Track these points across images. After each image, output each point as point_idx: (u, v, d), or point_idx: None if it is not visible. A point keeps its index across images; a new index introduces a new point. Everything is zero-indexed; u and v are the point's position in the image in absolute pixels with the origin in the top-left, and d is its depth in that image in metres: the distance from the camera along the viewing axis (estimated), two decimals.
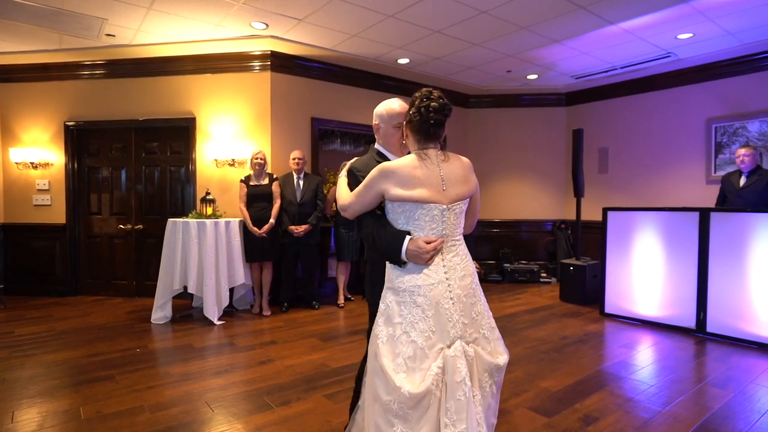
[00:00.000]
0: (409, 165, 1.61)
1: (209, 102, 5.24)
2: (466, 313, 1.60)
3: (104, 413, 2.49)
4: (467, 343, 1.58)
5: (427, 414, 1.52)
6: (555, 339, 3.90)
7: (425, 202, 1.58)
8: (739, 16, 4.09)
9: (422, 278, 1.59)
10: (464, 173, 1.68)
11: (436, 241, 1.59)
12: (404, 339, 1.58)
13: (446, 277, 1.60)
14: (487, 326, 1.65)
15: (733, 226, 3.81)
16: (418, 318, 1.57)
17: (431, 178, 1.60)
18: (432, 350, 1.54)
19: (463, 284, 1.61)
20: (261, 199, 4.65)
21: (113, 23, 4.24)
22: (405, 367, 1.55)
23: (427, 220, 1.60)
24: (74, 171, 5.52)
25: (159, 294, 4.40)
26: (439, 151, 1.68)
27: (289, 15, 4.12)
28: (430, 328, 1.56)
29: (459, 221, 1.67)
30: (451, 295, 1.58)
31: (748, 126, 5.18)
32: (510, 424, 2.39)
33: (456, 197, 1.63)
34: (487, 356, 1.61)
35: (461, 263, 1.64)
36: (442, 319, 1.56)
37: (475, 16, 4.12)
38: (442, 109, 1.63)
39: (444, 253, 1.62)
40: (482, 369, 1.59)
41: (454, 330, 1.56)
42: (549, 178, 7.09)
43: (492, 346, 1.64)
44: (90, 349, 3.57)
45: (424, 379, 1.52)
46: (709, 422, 2.41)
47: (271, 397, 2.71)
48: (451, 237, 1.64)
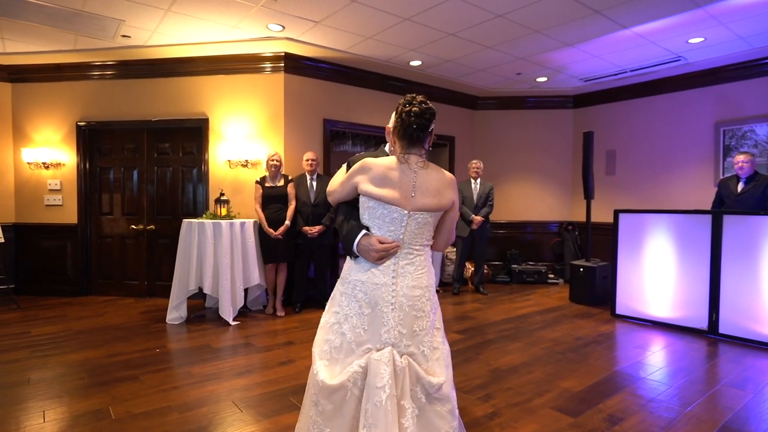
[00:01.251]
0: (386, 165, 1.64)
1: (222, 103, 5.25)
2: (405, 324, 1.59)
3: (134, 413, 2.51)
4: (401, 354, 1.58)
5: (342, 409, 1.56)
6: (569, 340, 3.94)
7: (388, 203, 1.61)
8: (752, 20, 4.14)
9: (368, 276, 1.63)
10: (438, 186, 1.64)
11: (389, 244, 1.61)
12: (336, 328, 1.65)
13: (393, 281, 1.61)
14: (428, 344, 1.63)
15: (746, 228, 3.86)
16: (354, 312, 1.62)
17: (402, 182, 1.62)
18: (359, 347, 1.59)
19: (410, 294, 1.61)
20: (276, 201, 4.67)
21: (130, 24, 4.25)
22: (329, 355, 1.63)
23: (386, 221, 1.62)
24: (86, 171, 5.53)
25: (174, 294, 4.41)
26: (422, 158, 1.67)
27: (306, 17, 4.14)
28: (362, 325, 1.60)
29: (421, 231, 1.64)
30: (393, 300, 1.59)
31: (756, 129, 5.24)
32: (537, 423, 2.43)
33: (421, 206, 1.62)
34: (420, 370, 1.58)
35: (414, 273, 1.63)
36: (376, 320, 1.59)
37: (491, 20, 4.16)
38: (423, 114, 1.62)
39: (398, 259, 1.63)
40: (414, 381, 1.57)
41: (387, 335, 1.58)
42: (555, 180, 7.13)
43: (429, 365, 1.61)
44: (109, 350, 3.59)
45: (342, 373, 1.57)
46: (731, 422, 2.45)
47: (297, 398, 2.73)
48: (409, 245, 1.64)
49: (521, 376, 3.10)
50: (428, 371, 1.60)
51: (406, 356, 1.58)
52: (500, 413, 2.54)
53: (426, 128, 1.65)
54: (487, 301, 5.50)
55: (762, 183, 4.34)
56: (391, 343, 1.58)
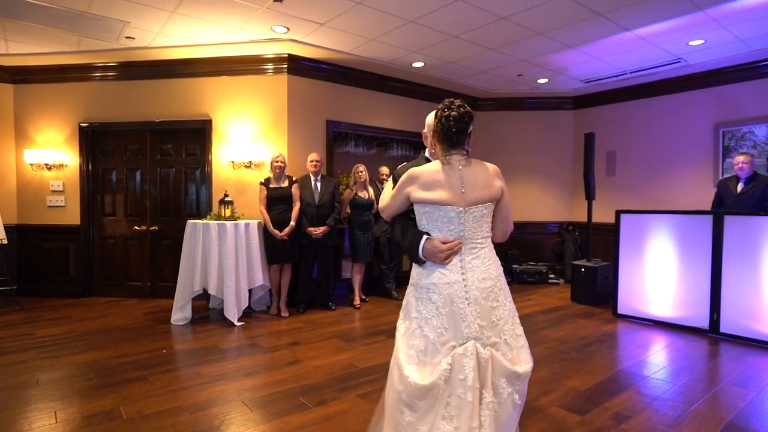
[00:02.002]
0: (432, 170, 1.72)
1: (226, 104, 5.27)
2: (483, 316, 1.63)
3: (145, 413, 2.53)
4: (483, 345, 1.61)
5: (434, 406, 1.60)
6: (573, 339, 3.98)
7: (443, 204, 1.67)
8: (751, 23, 4.19)
9: (438, 276, 1.68)
10: (486, 178, 1.72)
11: (452, 242, 1.67)
12: (418, 333, 1.68)
13: (463, 277, 1.66)
14: (510, 332, 1.66)
15: (747, 229, 3.91)
16: (432, 314, 1.66)
17: (451, 182, 1.69)
18: (444, 346, 1.62)
19: (482, 287, 1.65)
20: (281, 202, 4.69)
21: (135, 26, 4.26)
22: (416, 359, 1.66)
23: (444, 222, 1.68)
24: (88, 172, 5.53)
25: (179, 295, 4.42)
26: (463, 157, 1.74)
27: (311, 19, 4.16)
28: (443, 325, 1.64)
29: (480, 225, 1.70)
30: (467, 295, 1.64)
31: (755, 130, 5.30)
32: (545, 422, 2.46)
33: (474, 201, 1.68)
34: (505, 362, 1.62)
35: (482, 266, 1.68)
36: (455, 317, 1.63)
37: (494, 22, 4.19)
38: (461, 117, 1.71)
39: (463, 255, 1.68)
40: (498, 373, 1.60)
41: (468, 330, 1.62)
42: (555, 181, 7.18)
43: (514, 353, 1.65)
44: (116, 350, 3.60)
45: (433, 372, 1.61)
46: (736, 420, 2.49)
47: (307, 397, 2.75)
48: (471, 239, 1.69)
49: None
50: (513, 360, 1.64)
51: (489, 347, 1.62)
52: None
53: (465, 131, 1.74)
54: None
55: (761, 183, 4.40)
56: (473, 337, 1.62)
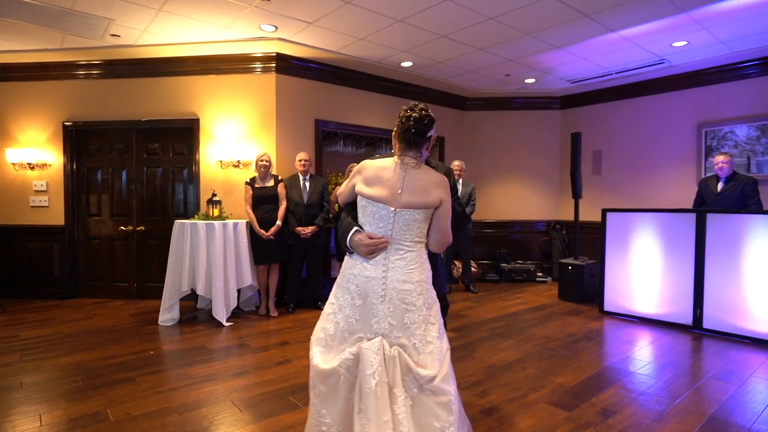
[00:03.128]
0: (380, 165, 1.78)
1: (213, 103, 5.23)
2: (396, 316, 1.68)
3: (133, 415, 2.50)
4: (391, 344, 1.67)
5: (336, 392, 1.68)
6: (560, 336, 4.03)
7: (377, 201, 1.73)
8: (732, 25, 4.28)
9: (360, 269, 1.74)
10: (426, 185, 1.73)
11: (378, 239, 1.72)
12: (331, 318, 1.77)
13: (384, 275, 1.70)
14: (420, 337, 1.68)
15: (728, 226, 3.99)
16: (347, 303, 1.74)
17: (392, 181, 1.73)
18: (351, 336, 1.71)
19: (400, 288, 1.69)
20: (267, 201, 4.67)
21: (120, 24, 4.21)
22: (324, 342, 1.75)
23: (376, 218, 1.74)
24: (73, 172, 5.44)
25: (166, 296, 4.38)
26: (415, 160, 1.76)
27: (299, 18, 4.15)
28: (354, 315, 1.71)
29: (410, 228, 1.72)
30: (383, 293, 1.69)
31: (736, 130, 5.41)
32: (534, 417, 2.49)
33: (407, 204, 1.71)
34: (410, 361, 1.65)
35: (404, 268, 1.71)
36: (367, 311, 1.70)
37: (483, 22, 4.22)
38: (421, 119, 1.74)
39: (389, 254, 1.72)
40: (405, 371, 1.65)
41: (377, 325, 1.68)
42: (543, 180, 7.25)
43: (420, 357, 1.67)
44: (103, 352, 3.55)
45: (335, 359, 1.69)
46: (718, 413, 2.55)
47: (297, 397, 2.75)
48: (399, 241, 1.73)
49: (516, 372, 3.16)
50: (419, 363, 1.66)
51: (396, 347, 1.67)
52: (498, 408, 2.60)
53: (423, 133, 1.76)
54: (478, 299, 5.58)
55: (740, 183, 4.49)
56: (381, 333, 1.68)
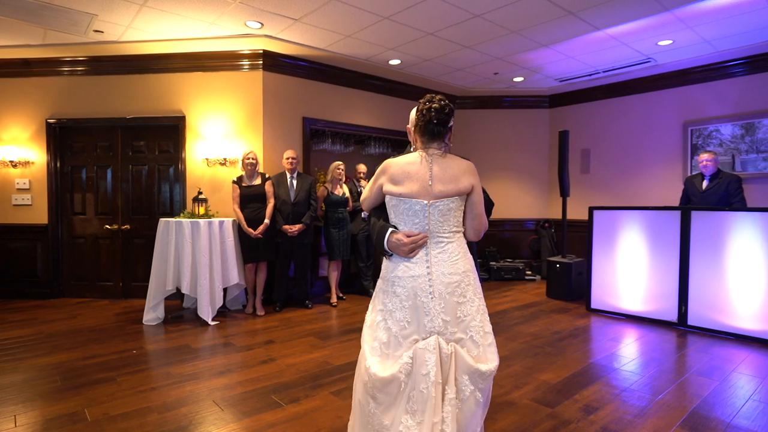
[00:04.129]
0: (404, 162, 1.72)
1: (199, 101, 5.18)
2: (448, 311, 1.61)
3: (111, 415, 2.47)
4: (447, 341, 1.60)
5: (397, 399, 1.61)
6: (547, 334, 4.03)
7: (408, 198, 1.67)
8: (716, 25, 4.31)
9: (403, 269, 1.68)
10: (455, 173, 1.69)
11: (416, 236, 1.66)
12: (382, 325, 1.69)
13: (428, 271, 1.65)
14: (477, 329, 1.64)
15: (712, 223, 4.02)
16: (396, 307, 1.66)
17: (420, 175, 1.68)
18: (406, 340, 1.62)
19: (448, 281, 1.63)
20: (254, 200, 4.63)
21: (103, 19, 4.15)
22: (379, 351, 1.67)
23: (410, 215, 1.68)
24: (57, 170, 5.36)
25: (151, 295, 4.33)
26: (440, 150, 1.73)
27: (285, 15, 4.12)
28: (406, 318, 1.64)
29: (446, 219, 1.68)
30: (431, 289, 1.63)
31: (721, 129, 5.46)
32: (516, 415, 2.48)
33: (439, 194, 1.66)
34: (469, 359, 1.59)
35: (448, 260, 1.66)
36: (418, 311, 1.63)
37: (469, 20, 4.22)
38: (442, 109, 1.69)
39: (429, 248, 1.67)
40: (461, 370, 1.59)
41: (431, 324, 1.61)
42: (532, 178, 7.28)
43: (480, 351, 1.62)
44: (84, 352, 3.50)
45: (394, 365, 1.61)
46: (699, 408, 2.56)
47: (279, 395, 2.73)
48: (437, 233, 1.68)
49: (501, 370, 3.15)
50: (478, 358, 1.61)
51: (452, 343, 1.61)
52: None
53: (445, 123, 1.71)
54: None
55: (725, 180, 4.53)
56: (436, 332, 1.61)
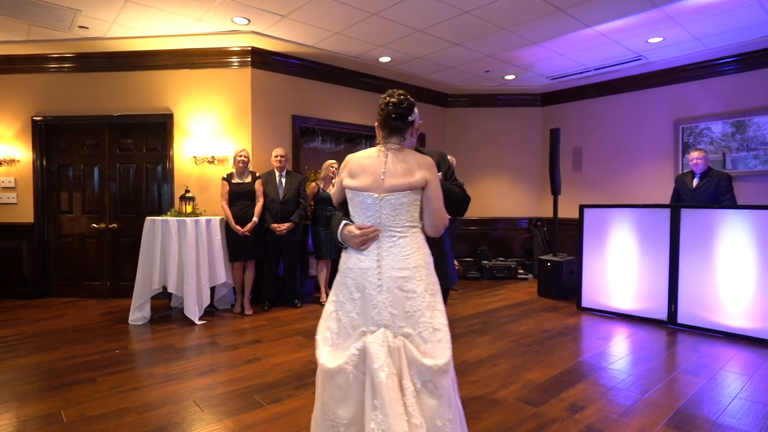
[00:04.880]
0: (362, 156, 1.76)
1: (187, 98, 5.12)
2: (396, 305, 1.62)
3: (88, 416, 2.42)
4: (395, 334, 1.60)
5: (348, 391, 1.60)
6: (536, 333, 4.01)
7: (361, 191, 1.70)
8: (705, 22, 4.30)
9: (354, 261, 1.71)
10: (408, 167, 1.68)
11: (367, 229, 1.68)
12: (334, 316, 1.71)
13: (378, 264, 1.66)
14: (425, 325, 1.61)
15: (701, 221, 4.01)
16: (346, 299, 1.69)
17: (374, 168, 1.70)
18: (355, 331, 1.65)
19: (397, 275, 1.63)
20: (244, 198, 4.58)
21: (87, 15, 4.09)
22: (330, 342, 1.69)
23: (362, 208, 1.71)
24: (43, 168, 5.30)
25: (137, 294, 4.28)
26: (398, 145, 1.74)
27: (272, 11, 4.08)
28: (355, 310, 1.66)
29: (398, 213, 1.67)
30: (380, 282, 1.64)
31: (712, 127, 5.45)
32: (501, 414, 2.45)
33: (390, 188, 1.67)
34: (416, 352, 1.57)
35: (400, 255, 1.66)
36: (366, 303, 1.65)
37: (458, 16, 4.18)
38: (400, 103, 1.71)
39: (381, 242, 1.68)
40: (411, 363, 1.57)
41: (378, 316, 1.62)
42: (525, 177, 7.26)
43: (428, 347, 1.59)
44: (66, 352, 3.45)
45: (341, 356, 1.63)
46: (685, 407, 2.54)
47: (261, 395, 2.69)
48: (389, 227, 1.68)
49: (488, 368, 3.13)
50: (426, 353, 1.58)
51: (401, 337, 1.60)
52: (465, 405, 2.51)
53: (403, 117, 1.73)
54: (458, 296, 5.55)
55: (715, 178, 4.51)
56: (384, 325, 1.61)
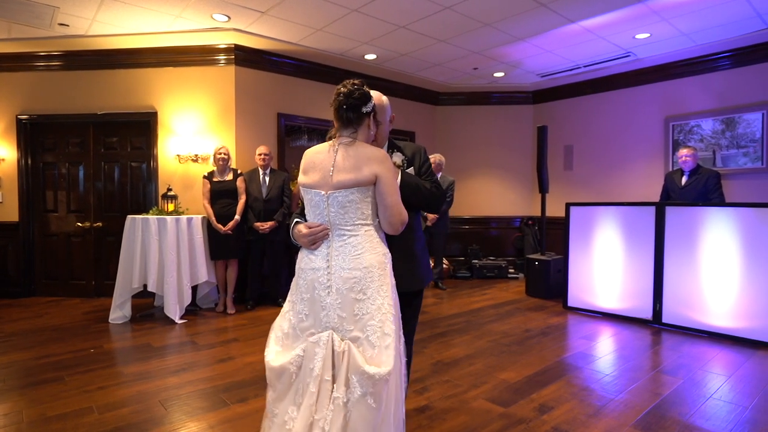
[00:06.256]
0: (314, 150, 1.70)
1: (171, 96, 5.10)
2: (344, 307, 1.55)
3: (48, 416, 2.39)
4: (342, 338, 1.54)
5: (288, 391, 1.59)
6: (518, 332, 3.96)
7: (310, 188, 1.65)
8: (691, 17, 4.23)
9: (306, 261, 1.67)
10: (356, 162, 1.59)
11: (316, 228, 1.63)
12: (287, 316, 1.69)
13: (327, 264, 1.60)
14: (374, 329, 1.53)
15: (686, 219, 3.95)
16: (298, 299, 1.66)
17: (324, 164, 1.63)
18: (304, 333, 1.61)
19: (346, 276, 1.56)
20: (225, 196, 4.56)
21: (65, 12, 4.07)
22: (281, 341, 1.67)
23: (312, 206, 1.66)
24: (28, 167, 5.29)
25: (117, 293, 4.26)
26: (351, 138, 1.65)
27: (251, 7, 4.04)
28: (304, 311, 1.62)
29: (346, 211, 1.60)
30: (329, 283, 1.58)
31: (702, 124, 5.38)
32: (467, 415, 2.40)
33: (337, 184, 1.59)
34: (360, 359, 1.50)
35: (350, 255, 1.58)
36: (315, 304, 1.60)
37: (439, 12, 4.14)
38: (350, 94, 1.63)
39: (331, 242, 1.62)
40: (352, 370, 1.50)
41: (326, 318, 1.58)
42: (517, 175, 7.20)
43: (375, 352, 1.51)
44: (40, 351, 3.43)
45: (286, 356, 1.61)
46: (658, 407, 2.48)
47: (228, 395, 2.65)
48: (339, 226, 1.61)
49: (462, 368, 3.08)
50: (372, 359, 1.50)
51: (347, 341, 1.54)
52: (432, 406, 2.52)
53: (356, 108, 1.64)
54: (445, 296, 5.50)
55: (704, 176, 4.46)
56: (332, 327, 1.56)
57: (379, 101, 1.86)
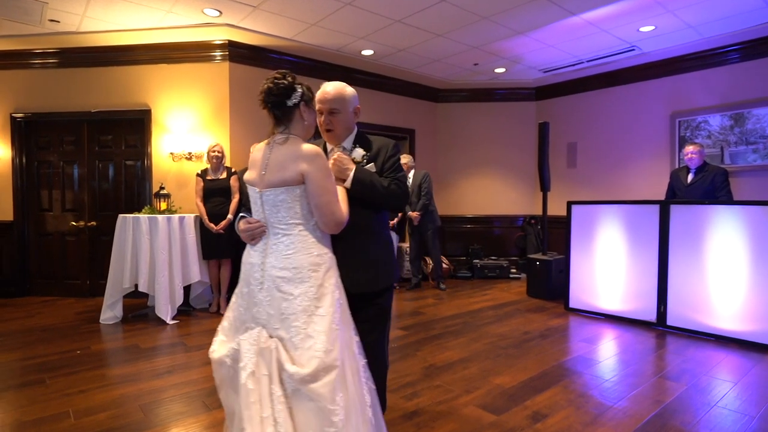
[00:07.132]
0: (256, 148, 1.70)
1: (165, 93, 5.03)
2: (273, 305, 1.54)
3: (23, 421, 2.31)
4: (270, 335, 1.54)
5: (225, 382, 1.61)
6: (516, 334, 3.84)
7: (250, 185, 1.67)
8: (698, 8, 4.08)
9: (246, 256, 1.68)
10: (284, 161, 1.56)
11: (253, 224, 1.64)
12: (233, 307, 1.70)
13: (261, 261, 1.60)
14: (297, 330, 1.51)
15: (691, 218, 3.80)
16: (239, 292, 1.68)
17: (259, 161, 1.63)
18: (242, 326, 1.61)
19: (276, 275, 1.55)
20: (218, 194, 4.48)
21: (55, 8, 4.01)
22: (225, 332, 1.68)
23: (252, 203, 1.68)
24: (22, 165, 5.24)
25: (108, 293, 4.20)
26: (284, 135, 1.61)
27: (242, 1, 3.95)
28: (243, 304, 1.64)
29: (278, 210, 1.58)
30: (262, 279, 1.58)
31: (710, 120, 5.21)
32: (456, 422, 2.29)
33: (268, 183, 1.59)
34: (284, 356, 1.49)
35: (283, 253, 1.56)
36: (251, 299, 1.60)
37: (435, 5, 4.02)
38: (270, 91, 1.59)
39: (268, 239, 1.62)
40: (279, 367, 1.50)
41: (258, 314, 1.57)
42: (520, 174, 7.05)
43: (297, 353, 1.49)
44: (26, 352, 3.36)
45: (225, 348, 1.61)
46: (658, 417, 2.36)
47: (211, 399, 2.57)
48: (273, 224, 1.61)
49: (455, 372, 2.97)
50: (294, 360, 1.49)
51: (275, 339, 1.53)
52: (421, 412, 2.41)
53: (280, 105, 1.60)
54: (444, 296, 5.39)
55: (710, 173, 4.31)
56: (262, 324, 1.56)
57: (341, 93, 1.90)
